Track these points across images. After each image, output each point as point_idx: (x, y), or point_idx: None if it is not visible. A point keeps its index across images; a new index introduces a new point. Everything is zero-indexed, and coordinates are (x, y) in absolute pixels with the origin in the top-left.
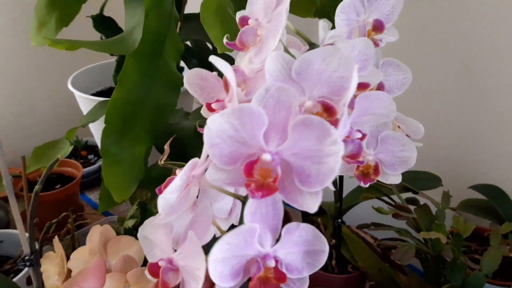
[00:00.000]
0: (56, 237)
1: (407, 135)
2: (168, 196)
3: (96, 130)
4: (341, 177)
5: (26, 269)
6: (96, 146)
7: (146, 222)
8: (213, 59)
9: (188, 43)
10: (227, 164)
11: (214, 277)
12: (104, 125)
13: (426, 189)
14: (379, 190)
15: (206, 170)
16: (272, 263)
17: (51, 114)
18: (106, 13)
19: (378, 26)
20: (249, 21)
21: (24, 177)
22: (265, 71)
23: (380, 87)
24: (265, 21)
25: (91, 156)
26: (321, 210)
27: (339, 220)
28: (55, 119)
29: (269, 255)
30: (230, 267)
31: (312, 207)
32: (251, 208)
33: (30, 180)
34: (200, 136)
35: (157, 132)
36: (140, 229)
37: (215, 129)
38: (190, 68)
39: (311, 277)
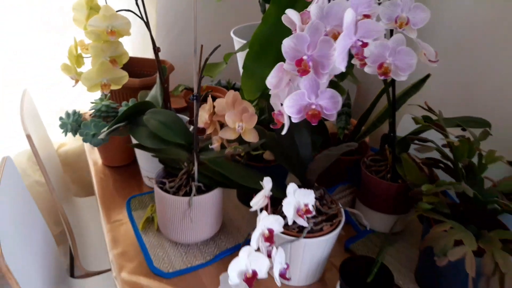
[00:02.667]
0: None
1: (429, 60)
2: (270, 80)
3: (241, 57)
4: (394, 100)
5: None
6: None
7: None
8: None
9: None
10: (291, 60)
11: (288, 113)
12: (248, 50)
13: (475, 127)
14: (430, 119)
15: None
16: (316, 107)
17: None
18: None
19: (409, 21)
20: None
21: None
22: (311, 13)
23: (407, 21)
24: None
25: None
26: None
27: (392, 134)
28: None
29: (314, 103)
30: (295, 109)
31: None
32: (301, 82)
33: None
34: None
35: (281, 60)
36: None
37: (286, 43)
38: None
39: (375, 182)
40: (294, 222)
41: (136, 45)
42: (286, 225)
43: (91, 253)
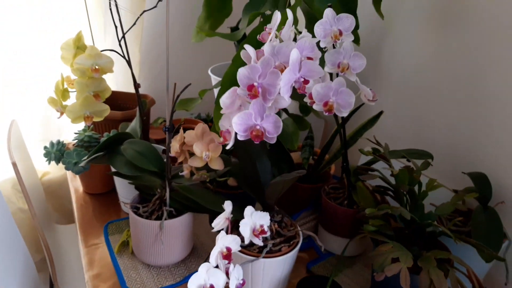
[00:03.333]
0: (181, 127)
1: (368, 99)
2: (224, 100)
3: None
4: (344, 134)
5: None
6: None
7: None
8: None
9: None
10: (244, 86)
11: (236, 130)
12: (220, 86)
13: (419, 159)
14: (377, 151)
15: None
16: (260, 128)
17: (194, 88)
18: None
19: (340, 32)
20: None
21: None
22: (264, 50)
23: (348, 67)
24: (272, 31)
25: None
26: None
27: (345, 164)
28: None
29: (259, 124)
30: (242, 127)
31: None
32: (251, 105)
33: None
34: None
35: None
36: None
37: (241, 72)
38: None
39: (333, 208)
40: (255, 244)
41: (120, 80)
42: (247, 246)
43: (70, 279)
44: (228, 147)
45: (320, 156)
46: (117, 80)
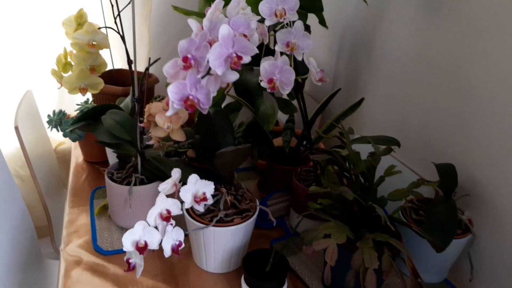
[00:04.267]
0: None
1: (316, 80)
2: (167, 69)
3: None
4: (306, 114)
5: None
6: None
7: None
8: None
9: None
10: (181, 57)
11: (172, 98)
12: None
13: (386, 145)
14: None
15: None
16: (193, 98)
17: None
18: None
19: (285, 11)
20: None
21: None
22: (203, 24)
23: (297, 46)
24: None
25: None
26: None
27: (307, 145)
28: None
29: (194, 96)
30: (178, 96)
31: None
32: (187, 76)
33: None
34: (260, 87)
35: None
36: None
37: (181, 44)
38: None
39: (301, 190)
40: (208, 213)
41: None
42: (200, 216)
43: None
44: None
45: (300, 140)
46: (124, 59)
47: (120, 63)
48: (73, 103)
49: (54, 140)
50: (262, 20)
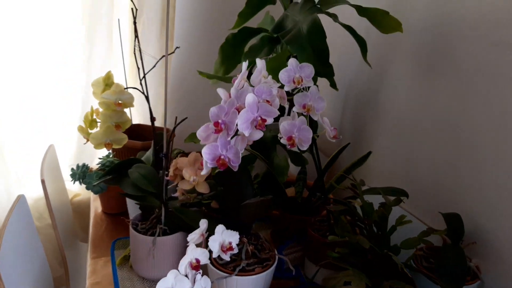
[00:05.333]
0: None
1: (330, 137)
2: (200, 133)
3: None
4: (320, 168)
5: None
6: None
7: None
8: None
9: None
10: (212, 122)
11: (205, 159)
12: None
13: (393, 195)
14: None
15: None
16: (225, 158)
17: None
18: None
19: (302, 78)
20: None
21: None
22: (231, 92)
23: (312, 108)
24: (240, 78)
25: None
26: None
27: (322, 196)
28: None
29: (224, 155)
30: (211, 156)
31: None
32: (218, 138)
33: None
34: (273, 141)
35: None
36: None
37: (212, 110)
38: None
39: (316, 240)
40: (230, 262)
41: (146, 116)
42: (223, 265)
43: None
44: (202, 173)
45: (312, 190)
46: (144, 116)
47: (138, 119)
48: (91, 156)
49: (70, 192)
50: (281, 86)
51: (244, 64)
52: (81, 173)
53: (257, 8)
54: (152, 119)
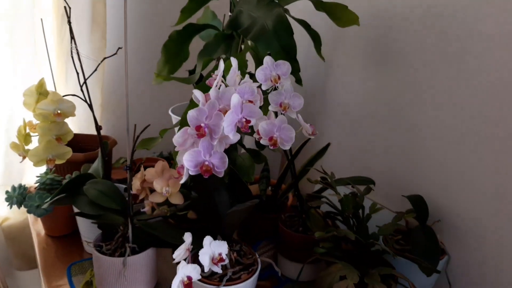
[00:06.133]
0: (142, 165)
1: (308, 134)
2: (177, 139)
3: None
4: (293, 164)
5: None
6: None
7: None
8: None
9: None
10: (193, 126)
11: (187, 166)
12: (179, 126)
13: (362, 184)
14: (324, 179)
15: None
16: (209, 164)
17: (156, 127)
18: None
19: (279, 77)
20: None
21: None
22: (210, 94)
23: (289, 106)
24: (218, 77)
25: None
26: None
27: (296, 192)
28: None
29: (207, 160)
30: (193, 163)
31: (215, 142)
32: (200, 143)
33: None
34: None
35: None
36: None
37: (190, 114)
38: None
39: (289, 235)
40: (215, 273)
41: (82, 123)
42: (208, 276)
43: None
44: (181, 181)
45: (276, 187)
46: (80, 124)
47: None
48: (20, 173)
49: None
50: (259, 86)
51: (221, 63)
52: (19, 196)
53: (201, 3)
54: (98, 128)
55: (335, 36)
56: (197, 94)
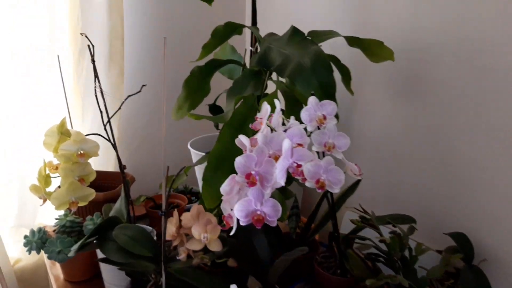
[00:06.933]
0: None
1: (354, 174)
2: (224, 187)
3: (199, 170)
4: (333, 204)
5: None
6: (197, 192)
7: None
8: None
9: None
10: (242, 174)
11: (238, 216)
12: (206, 164)
13: (402, 224)
14: (365, 219)
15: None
16: (261, 213)
17: (176, 163)
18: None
19: (325, 117)
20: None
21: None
22: (258, 139)
23: (333, 146)
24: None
25: (193, 198)
26: None
27: (336, 233)
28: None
29: (259, 210)
30: (244, 213)
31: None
32: (250, 191)
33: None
34: None
35: (234, 172)
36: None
37: (238, 161)
38: None
39: (327, 278)
40: None
41: (97, 159)
42: None
43: None
44: (231, 233)
45: (307, 224)
46: (95, 160)
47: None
48: (33, 214)
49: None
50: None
51: (266, 106)
52: (39, 241)
53: (223, 38)
54: (122, 167)
55: (360, 69)
56: (243, 139)
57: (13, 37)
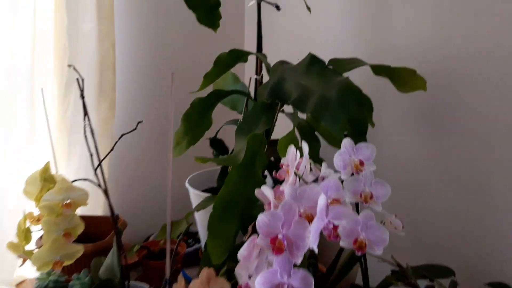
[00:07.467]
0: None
1: (395, 228)
2: (242, 252)
3: (200, 216)
4: (365, 264)
5: None
6: (195, 232)
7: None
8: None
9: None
10: (265, 236)
11: None
12: (212, 211)
13: (440, 277)
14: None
15: None
16: (288, 287)
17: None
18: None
19: (362, 162)
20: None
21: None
22: (285, 192)
23: (371, 196)
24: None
25: (190, 240)
26: None
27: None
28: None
29: (286, 283)
30: (267, 287)
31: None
32: (276, 260)
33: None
34: None
35: (245, 218)
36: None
37: (260, 219)
38: (271, 175)
39: None
40: None
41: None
42: None
43: None
44: None
45: (327, 276)
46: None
47: None
48: (12, 267)
49: None
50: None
51: (292, 149)
52: None
53: (227, 66)
54: (115, 218)
55: (378, 98)
56: (266, 192)
57: None
